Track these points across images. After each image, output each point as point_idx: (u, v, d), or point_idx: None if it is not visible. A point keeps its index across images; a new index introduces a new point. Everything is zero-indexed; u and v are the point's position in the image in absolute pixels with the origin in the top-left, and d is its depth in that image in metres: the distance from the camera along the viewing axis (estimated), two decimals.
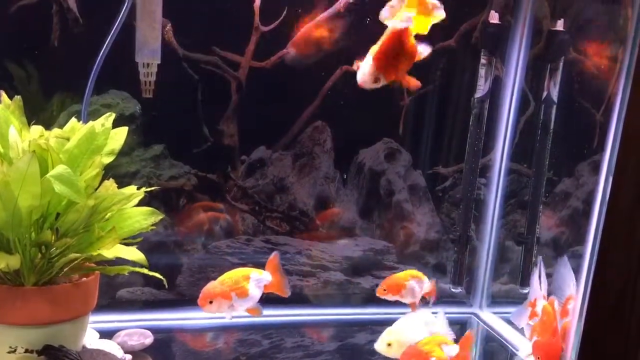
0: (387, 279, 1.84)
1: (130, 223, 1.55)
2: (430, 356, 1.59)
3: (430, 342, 1.64)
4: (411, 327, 1.75)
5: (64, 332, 1.52)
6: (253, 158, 2.15)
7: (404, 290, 1.82)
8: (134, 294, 2.06)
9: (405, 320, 1.78)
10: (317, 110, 2.16)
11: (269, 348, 1.97)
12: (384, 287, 1.82)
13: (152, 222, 1.56)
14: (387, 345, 1.71)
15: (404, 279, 1.84)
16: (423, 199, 2.35)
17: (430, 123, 2.30)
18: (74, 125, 1.59)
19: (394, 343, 1.71)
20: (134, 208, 1.56)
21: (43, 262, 1.48)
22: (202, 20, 1.98)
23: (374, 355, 1.97)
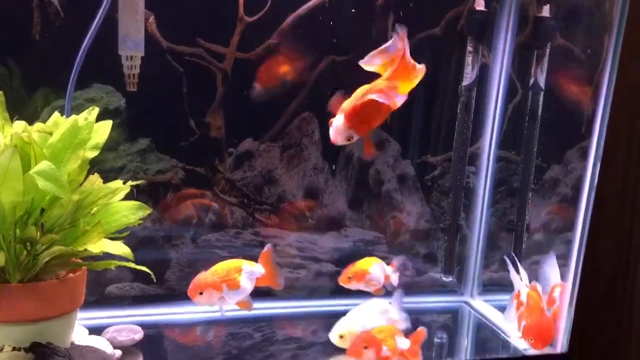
0: (349, 267, 1.83)
1: (117, 218, 1.53)
2: (384, 345, 1.60)
3: (384, 330, 1.65)
4: (365, 317, 1.75)
5: (52, 329, 1.51)
6: (240, 150, 2.13)
7: (367, 276, 1.81)
8: (123, 290, 2.04)
9: (359, 311, 1.77)
10: (304, 101, 2.15)
11: (260, 341, 1.96)
12: (348, 275, 1.81)
13: (139, 216, 1.55)
14: (340, 337, 1.72)
15: (367, 264, 1.83)
16: (412, 189, 2.34)
17: (418, 112, 2.29)
18: (57, 119, 1.57)
19: (347, 335, 1.71)
20: (120, 202, 1.54)
21: (28, 258, 1.46)
22: (186, 12, 1.96)
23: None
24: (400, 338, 1.67)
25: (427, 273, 2.39)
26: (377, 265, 1.84)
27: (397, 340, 1.65)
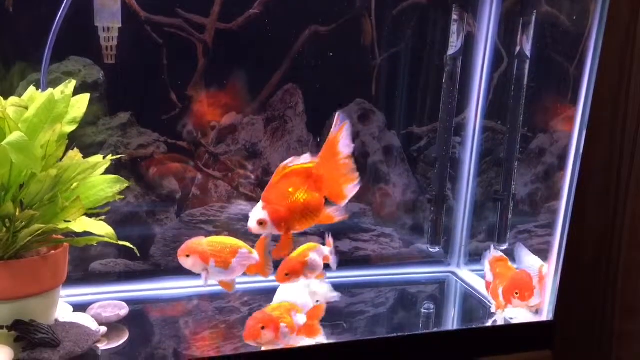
0: (284, 263, 1.71)
1: (95, 192, 1.50)
2: (281, 322, 1.54)
3: (280, 308, 1.59)
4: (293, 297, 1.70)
5: (34, 307, 1.49)
6: (223, 124, 2.10)
7: (305, 268, 1.71)
8: (108, 266, 2.02)
9: (286, 291, 1.73)
10: (287, 73, 2.11)
11: (248, 315, 1.95)
12: (285, 273, 1.69)
13: (117, 190, 1.52)
14: None
15: (302, 256, 1.73)
16: (398, 160, 2.32)
17: (403, 82, 2.26)
18: (32, 94, 1.53)
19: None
20: (98, 177, 1.51)
21: (8, 235, 1.44)
22: None
23: (354, 317, 1.98)
24: (297, 314, 1.60)
25: (413, 244, 2.39)
26: (313, 253, 1.75)
27: (295, 317, 1.58)
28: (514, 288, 1.84)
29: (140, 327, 1.78)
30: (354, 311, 2.03)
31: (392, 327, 2.00)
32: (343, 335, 1.84)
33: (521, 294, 1.82)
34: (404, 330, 1.90)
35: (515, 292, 1.83)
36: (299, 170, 1.45)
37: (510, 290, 1.84)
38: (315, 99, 2.17)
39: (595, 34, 1.68)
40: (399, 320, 2.03)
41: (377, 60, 2.21)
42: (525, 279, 1.84)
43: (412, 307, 2.14)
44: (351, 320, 1.96)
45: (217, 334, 1.82)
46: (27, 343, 1.46)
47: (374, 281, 2.26)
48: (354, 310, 2.03)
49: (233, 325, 1.86)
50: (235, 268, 1.64)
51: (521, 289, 1.82)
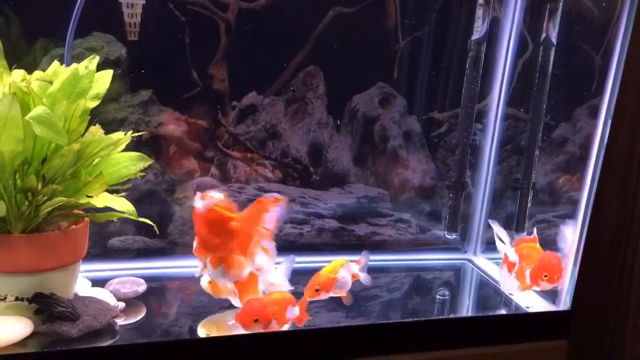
0: (315, 278, 1.70)
1: (118, 169, 1.50)
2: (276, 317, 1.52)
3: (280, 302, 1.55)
4: None
5: (55, 280, 1.50)
6: (244, 104, 2.09)
7: (336, 284, 1.70)
8: (126, 243, 2.03)
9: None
10: (309, 54, 2.09)
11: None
12: (315, 288, 1.68)
13: (140, 167, 1.52)
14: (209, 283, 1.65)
15: (333, 272, 1.71)
16: (418, 145, 2.31)
17: (426, 67, 2.24)
18: (56, 68, 1.53)
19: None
20: (121, 153, 1.51)
21: (30, 209, 1.45)
22: None
23: (368, 302, 1.98)
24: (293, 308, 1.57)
25: (430, 230, 2.38)
26: (343, 269, 1.73)
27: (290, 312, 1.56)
28: (544, 270, 1.80)
29: (157, 304, 1.80)
30: (368, 295, 2.03)
31: (406, 312, 1.99)
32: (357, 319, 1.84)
33: (550, 276, 1.79)
34: (417, 316, 1.89)
35: (544, 274, 1.80)
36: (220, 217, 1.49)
37: (539, 272, 1.81)
38: (336, 81, 2.15)
39: (624, 22, 1.65)
40: (414, 306, 2.03)
41: (400, 44, 2.18)
42: (554, 261, 1.81)
43: (427, 293, 2.13)
44: (365, 304, 1.96)
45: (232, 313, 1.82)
46: (46, 316, 1.48)
47: (390, 266, 2.26)
48: (369, 295, 2.03)
49: None
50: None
51: (550, 271, 1.79)
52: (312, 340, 1.63)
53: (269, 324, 1.50)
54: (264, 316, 1.49)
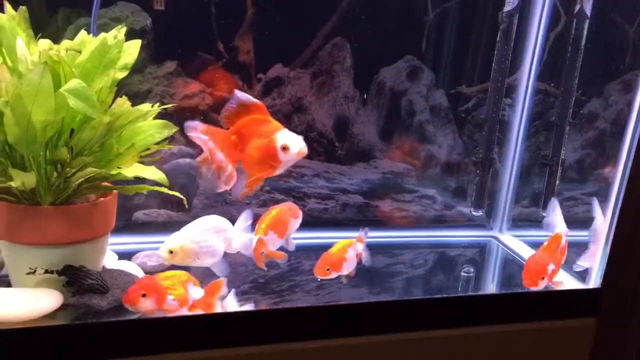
0: (325, 257, 1.70)
1: (143, 137, 1.48)
2: (169, 293, 1.42)
3: (173, 277, 1.47)
4: (199, 234, 1.63)
5: (84, 253, 1.49)
6: (270, 76, 2.06)
7: (344, 264, 1.71)
8: (150, 216, 2.02)
9: (195, 226, 1.64)
10: (336, 26, 2.05)
11: (287, 270, 1.95)
12: (325, 267, 1.68)
13: (165, 135, 1.50)
14: (169, 252, 1.59)
15: (343, 252, 1.72)
16: (445, 120, 2.27)
17: (455, 39, 2.19)
18: (84, 38, 1.50)
19: (178, 251, 1.60)
20: (146, 122, 1.48)
21: (59, 180, 1.43)
22: None
23: (392, 278, 1.97)
24: (193, 287, 1.48)
25: (456, 207, 2.35)
26: (351, 249, 1.74)
27: (190, 290, 1.47)
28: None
29: None
30: (392, 272, 2.01)
31: (430, 289, 1.98)
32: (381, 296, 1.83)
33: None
34: (442, 293, 1.88)
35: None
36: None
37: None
38: (363, 54, 2.11)
39: None
40: (438, 283, 2.01)
41: (429, 16, 2.13)
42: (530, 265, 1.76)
43: (452, 270, 2.11)
44: (389, 280, 1.95)
45: (254, 288, 1.81)
46: (76, 288, 1.47)
47: (414, 242, 2.24)
48: (392, 271, 2.02)
49: (271, 281, 1.86)
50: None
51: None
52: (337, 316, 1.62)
53: (162, 301, 1.40)
54: (153, 290, 1.39)
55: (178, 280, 1.46)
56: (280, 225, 1.70)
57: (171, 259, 1.59)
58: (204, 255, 1.62)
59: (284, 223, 1.71)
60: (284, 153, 1.37)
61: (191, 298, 1.46)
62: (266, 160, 1.39)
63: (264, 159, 1.39)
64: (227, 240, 1.66)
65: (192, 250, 1.59)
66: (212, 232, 1.63)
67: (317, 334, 1.57)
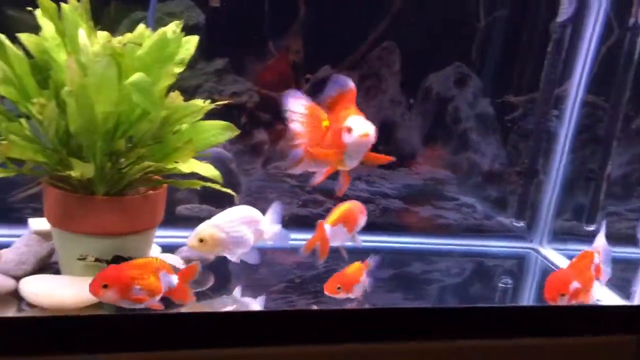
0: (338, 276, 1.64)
1: (205, 137, 1.49)
2: (136, 283, 1.34)
3: (143, 266, 1.37)
4: (229, 223, 1.58)
5: (133, 244, 1.50)
6: (318, 77, 2.05)
7: (356, 286, 1.64)
8: (192, 211, 2.03)
9: (224, 216, 1.60)
10: (387, 29, 2.04)
11: (324, 272, 1.94)
12: (336, 286, 1.61)
13: (227, 137, 1.51)
14: (200, 241, 1.54)
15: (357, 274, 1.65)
16: (490, 129, 2.25)
17: (505, 48, 2.17)
18: (142, 31, 1.51)
19: (208, 239, 1.55)
20: (209, 121, 1.49)
21: (113, 172, 1.45)
22: None
23: (429, 284, 1.96)
24: (168, 275, 1.40)
25: (496, 217, 2.33)
26: (364, 272, 1.67)
27: (164, 278, 1.39)
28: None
29: (222, 274, 1.79)
30: (428, 279, 2.00)
31: (465, 298, 1.96)
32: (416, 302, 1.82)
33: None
34: (477, 303, 1.86)
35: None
36: None
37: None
38: (412, 58, 2.10)
39: None
40: (474, 292, 2.00)
41: (481, 23, 2.11)
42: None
43: (489, 280, 2.10)
44: (425, 287, 1.94)
45: (290, 288, 1.82)
46: None
47: (451, 250, 2.23)
48: (429, 278, 2.01)
49: (308, 280, 1.86)
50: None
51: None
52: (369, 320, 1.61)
53: (126, 291, 1.33)
54: (115, 281, 1.32)
55: (149, 268, 1.37)
56: (350, 220, 1.67)
57: (200, 247, 1.55)
58: (233, 245, 1.58)
59: (354, 218, 1.68)
60: (348, 134, 1.30)
61: (165, 286, 1.40)
62: (332, 143, 1.34)
63: (331, 141, 1.34)
64: (258, 232, 1.63)
65: (222, 240, 1.56)
66: (242, 222, 1.60)
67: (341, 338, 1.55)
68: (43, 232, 1.60)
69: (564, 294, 1.64)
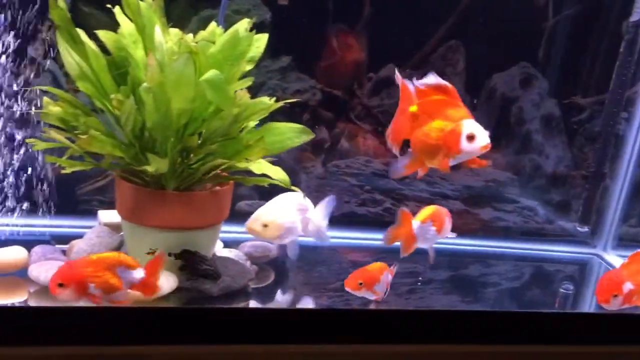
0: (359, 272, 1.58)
1: (280, 139, 1.49)
2: (92, 281, 1.29)
3: (97, 263, 1.31)
4: (286, 209, 1.56)
5: (199, 239, 1.53)
6: (380, 76, 2.04)
7: (376, 285, 1.57)
8: (252, 207, 2.04)
9: (280, 202, 1.57)
10: (452, 28, 2.01)
11: None
12: (358, 281, 1.55)
13: (302, 140, 1.51)
14: (264, 226, 1.52)
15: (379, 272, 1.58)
16: (555, 131, 2.20)
17: (574, 48, 2.11)
18: (214, 29, 1.53)
19: (270, 225, 1.53)
20: (284, 123, 1.50)
21: (183, 167, 1.47)
22: None
23: (486, 287, 1.92)
24: (127, 270, 1.34)
25: (557, 221, 2.28)
26: (387, 273, 1.61)
27: (125, 275, 1.33)
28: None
29: (282, 271, 1.80)
30: (486, 282, 1.97)
31: (524, 302, 1.92)
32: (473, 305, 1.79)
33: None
34: (535, 308, 1.82)
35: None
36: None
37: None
38: (477, 58, 2.07)
39: None
40: (532, 297, 1.96)
41: (549, 22, 2.06)
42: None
43: (548, 286, 2.05)
44: (482, 290, 1.91)
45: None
46: (190, 272, 1.51)
47: (511, 254, 2.19)
48: (487, 281, 1.98)
49: None
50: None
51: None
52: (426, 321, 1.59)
53: (82, 289, 1.29)
54: (69, 279, 1.27)
55: (103, 265, 1.31)
56: (439, 221, 1.63)
57: (263, 233, 1.53)
58: (288, 232, 1.56)
59: (442, 220, 1.65)
60: (469, 142, 1.27)
61: (126, 282, 1.34)
62: (444, 145, 1.29)
63: (443, 143, 1.29)
64: (305, 221, 1.60)
65: (282, 226, 1.54)
66: (296, 209, 1.58)
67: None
68: (112, 224, 1.64)
69: (617, 295, 1.57)
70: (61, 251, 1.59)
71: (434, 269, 2.03)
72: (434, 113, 1.32)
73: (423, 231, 1.60)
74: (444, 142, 1.30)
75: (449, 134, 1.29)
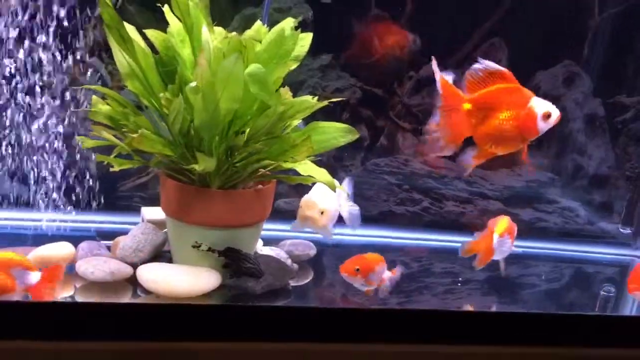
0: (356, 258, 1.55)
1: (326, 138, 1.49)
2: None
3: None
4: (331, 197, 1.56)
5: (242, 237, 1.53)
6: (422, 75, 2.03)
7: (371, 275, 1.55)
8: (291, 205, 2.05)
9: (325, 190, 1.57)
10: (495, 26, 1.99)
11: (417, 271, 1.93)
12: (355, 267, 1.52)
13: (348, 140, 1.50)
14: (321, 213, 1.52)
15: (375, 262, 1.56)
16: (599, 130, 2.16)
17: (620, 46, 2.07)
18: (259, 28, 1.53)
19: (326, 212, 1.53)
20: (329, 123, 1.50)
21: (227, 165, 1.47)
22: None
23: (523, 289, 1.90)
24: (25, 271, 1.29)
25: (600, 222, 2.24)
26: (382, 264, 1.59)
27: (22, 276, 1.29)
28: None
29: (320, 270, 1.80)
30: (524, 283, 1.95)
31: (563, 304, 1.90)
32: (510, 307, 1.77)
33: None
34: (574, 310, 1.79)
35: None
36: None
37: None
38: (520, 56, 2.04)
39: None
40: (572, 299, 1.93)
41: (595, 20, 2.03)
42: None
43: (588, 288, 2.02)
44: (520, 292, 1.88)
45: None
46: (234, 270, 1.51)
47: (551, 255, 2.16)
48: (525, 282, 1.96)
49: (402, 280, 1.83)
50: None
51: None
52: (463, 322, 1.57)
53: None
54: None
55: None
56: (513, 233, 1.66)
57: (320, 220, 1.53)
58: (332, 219, 1.57)
59: (514, 232, 1.67)
60: (545, 122, 1.26)
61: (22, 283, 1.29)
62: (522, 133, 1.28)
63: (521, 131, 1.28)
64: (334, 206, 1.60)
65: (332, 214, 1.55)
66: (335, 196, 1.59)
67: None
68: (155, 221, 1.65)
69: None
70: (106, 247, 1.61)
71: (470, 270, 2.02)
72: (494, 103, 1.30)
73: (501, 244, 1.62)
74: (521, 130, 1.28)
75: (524, 120, 1.27)
